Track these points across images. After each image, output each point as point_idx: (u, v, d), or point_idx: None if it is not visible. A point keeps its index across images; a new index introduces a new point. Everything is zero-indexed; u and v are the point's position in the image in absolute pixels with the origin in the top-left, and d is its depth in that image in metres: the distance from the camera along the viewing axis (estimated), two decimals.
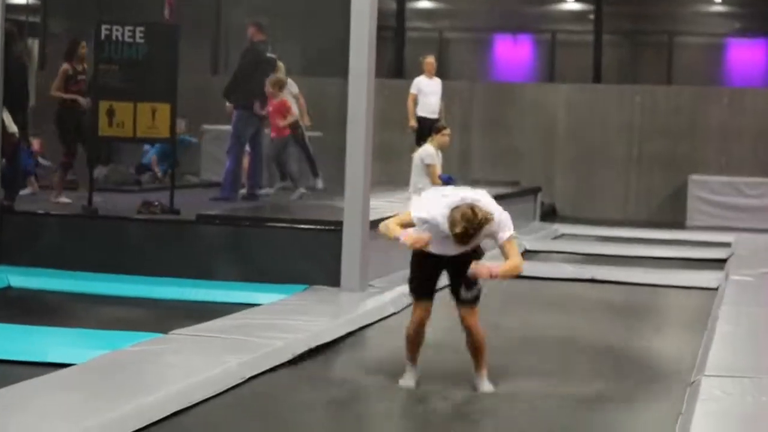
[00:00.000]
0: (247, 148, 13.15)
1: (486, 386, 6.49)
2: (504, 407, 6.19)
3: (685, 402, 6.06)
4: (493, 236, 6.24)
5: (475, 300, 6.51)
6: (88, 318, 8.36)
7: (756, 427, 5.40)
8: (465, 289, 6.46)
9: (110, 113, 11.09)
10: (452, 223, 6.00)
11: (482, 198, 6.22)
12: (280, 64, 13.84)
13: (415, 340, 6.62)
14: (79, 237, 10.43)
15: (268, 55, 13.21)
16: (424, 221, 6.19)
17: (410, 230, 6.17)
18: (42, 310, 8.89)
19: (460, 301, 6.51)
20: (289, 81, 14.00)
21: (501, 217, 6.23)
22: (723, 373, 6.47)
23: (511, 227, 6.29)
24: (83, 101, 11.91)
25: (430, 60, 15.24)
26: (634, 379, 7.03)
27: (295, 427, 5.66)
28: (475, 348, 6.54)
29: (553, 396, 6.44)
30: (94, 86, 11.25)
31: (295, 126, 14.82)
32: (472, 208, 6.03)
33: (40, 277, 9.73)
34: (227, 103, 13.37)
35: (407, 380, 6.59)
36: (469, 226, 5.99)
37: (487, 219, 6.04)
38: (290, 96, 14.31)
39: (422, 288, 6.56)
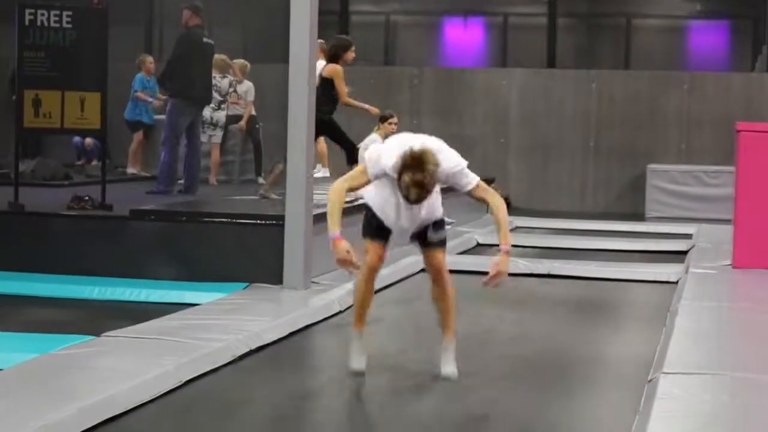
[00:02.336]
0: (184, 139, 13.13)
1: (450, 369, 6.53)
2: (455, 407, 6.24)
3: (643, 400, 6.15)
4: (457, 186, 6.31)
5: (443, 243, 6.56)
6: (14, 320, 8.32)
7: (715, 425, 5.49)
8: (433, 230, 6.52)
9: (36, 103, 11.03)
10: (399, 171, 5.97)
11: (442, 148, 6.24)
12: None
13: (365, 293, 6.57)
14: (5, 234, 10.38)
15: (205, 40, 13.17)
16: (375, 175, 6.22)
17: (344, 243, 6.13)
18: None
19: (427, 244, 6.54)
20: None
21: (461, 164, 6.28)
22: (682, 370, 6.56)
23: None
24: None
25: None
26: (591, 377, 7.13)
27: (236, 430, 5.68)
28: (444, 297, 6.58)
29: (507, 396, 6.51)
30: (19, 74, 11.18)
31: (252, 121, 14.98)
32: (418, 151, 5.98)
33: None
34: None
35: (356, 360, 6.57)
36: (417, 172, 5.92)
37: (435, 161, 5.98)
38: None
39: (375, 230, 6.49)
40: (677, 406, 5.81)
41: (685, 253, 12.87)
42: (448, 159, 6.21)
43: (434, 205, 6.48)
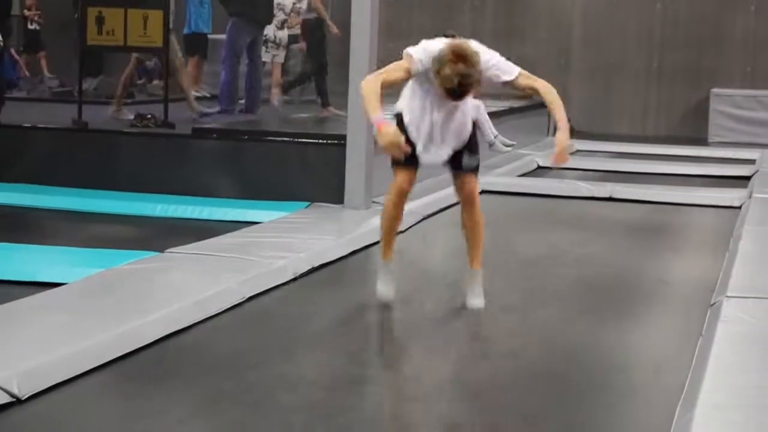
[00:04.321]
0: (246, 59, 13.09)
1: (477, 301, 6.35)
2: (513, 324, 6.24)
3: (706, 324, 6.11)
4: (500, 79, 6.17)
5: (476, 169, 6.37)
6: (79, 236, 8.40)
7: None
8: (468, 155, 6.30)
9: (99, 21, 11.04)
10: (441, 64, 5.76)
11: (480, 47, 6.07)
12: None
13: (394, 218, 6.38)
14: (69, 151, 10.45)
15: None
16: (417, 69, 5.96)
17: (391, 126, 5.87)
18: (30, 228, 8.93)
19: (461, 169, 6.31)
20: None
21: (499, 59, 6.17)
22: (745, 294, 6.51)
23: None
24: None
25: None
26: (653, 300, 7.09)
27: (296, 343, 5.71)
28: (474, 225, 6.35)
29: (569, 316, 6.50)
30: None
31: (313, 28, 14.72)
32: (459, 43, 5.86)
33: (27, 194, 9.78)
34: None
35: (384, 288, 6.42)
36: (460, 62, 5.74)
37: (477, 53, 5.85)
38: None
39: (407, 157, 6.07)
40: (740, 329, 5.77)
41: (748, 178, 12.73)
42: (486, 52, 6.08)
43: (465, 123, 6.30)
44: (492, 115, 12.54)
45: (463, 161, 6.30)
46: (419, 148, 6.17)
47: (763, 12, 18.44)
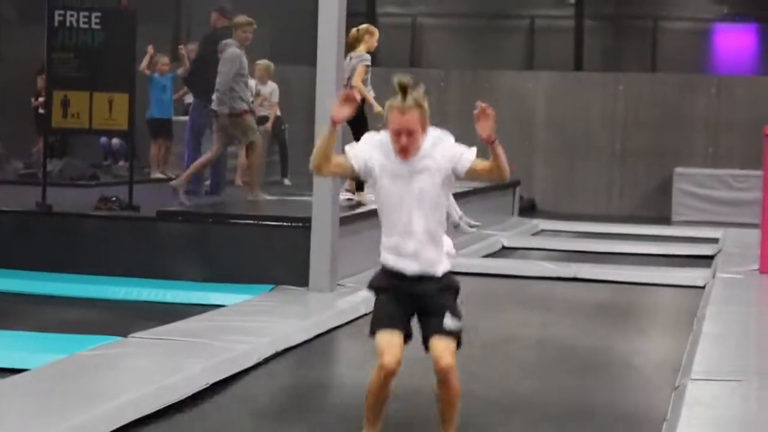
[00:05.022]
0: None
1: None
2: (474, 407, 6.22)
3: (671, 407, 6.11)
4: (458, 168, 5.50)
5: (458, 334, 5.30)
6: (42, 320, 8.35)
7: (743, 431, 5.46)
8: (450, 316, 5.28)
9: (65, 104, 11.07)
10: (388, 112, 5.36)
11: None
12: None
13: (379, 398, 5.33)
14: (33, 234, 10.42)
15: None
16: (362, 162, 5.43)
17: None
18: None
19: (438, 333, 5.25)
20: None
21: (459, 147, 5.57)
22: (709, 376, 6.53)
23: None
24: None
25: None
26: (618, 382, 7.10)
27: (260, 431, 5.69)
28: (448, 402, 5.33)
29: (530, 401, 6.49)
30: (48, 75, 11.22)
31: (277, 123, 15.03)
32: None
33: None
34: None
35: None
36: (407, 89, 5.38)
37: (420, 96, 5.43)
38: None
39: (390, 316, 5.25)
40: (705, 413, 5.78)
41: (712, 257, 12.82)
42: (446, 138, 5.58)
43: (439, 234, 5.46)
44: (456, 195, 12.59)
45: (444, 323, 5.27)
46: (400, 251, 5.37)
47: (723, 93, 18.69)
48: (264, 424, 5.88)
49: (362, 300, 9.04)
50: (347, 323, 8.56)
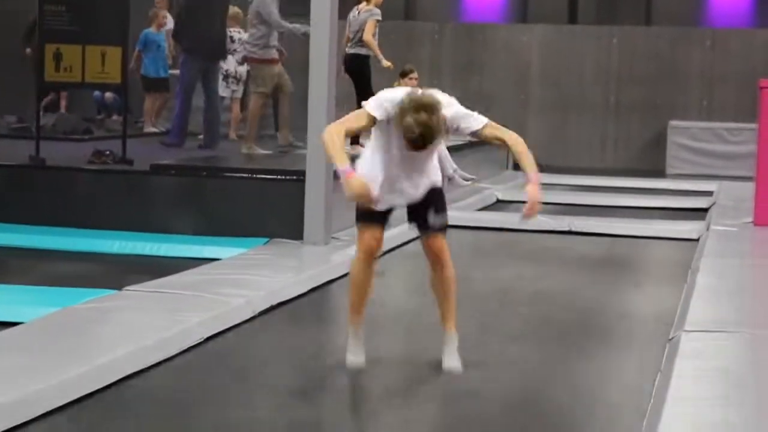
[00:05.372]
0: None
1: (453, 362, 5.93)
2: (471, 370, 6.22)
3: (664, 359, 6.13)
4: (466, 129, 5.84)
5: (444, 228, 6.01)
6: (36, 274, 8.35)
7: (737, 383, 5.47)
8: (434, 214, 5.95)
9: (57, 57, 11.00)
10: (403, 113, 5.51)
11: (445, 97, 5.81)
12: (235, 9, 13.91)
13: (362, 282, 5.91)
14: (26, 188, 10.39)
15: None
16: (381, 116, 5.71)
17: (357, 176, 5.57)
18: None
19: (427, 228, 5.96)
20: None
21: (467, 111, 5.86)
22: (703, 328, 6.54)
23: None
24: None
25: None
26: (612, 335, 7.11)
27: (256, 388, 5.68)
28: (445, 285, 5.97)
29: (524, 355, 6.50)
30: (40, 28, 11.14)
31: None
32: (422, 94, 5.60)
33: None
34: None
35: (354, 355, 5.95)
36: (422, 112, 5.48)
37: (439, 103, 5.58)
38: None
39: (371, 213, 5.78)
40: (699, 364, 5.79)
41: (706, 210, 12.83)
42: (451, 104, 5.81)
43: (431, 168, 5.99)
44: (451, 149, 12.57)
45: (429, 219, 5.96)
46: (384, 195, 5.84)
47: (718, 46, 18.63)
48: (259, 378, 5.89)
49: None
50: (342, 276, 8.53)
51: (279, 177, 9.96)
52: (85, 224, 9.91)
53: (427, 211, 5.98)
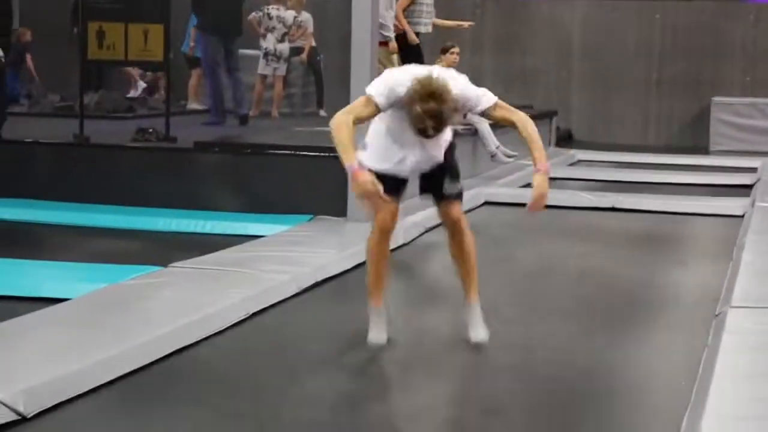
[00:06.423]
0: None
1: (480, 333, 5.83)
2: (517, 349, 6.22)
3: (711, 334, 6.10)
4: (474, 108, 5.65)
5: (460, 195, 5.85)
6: (82, 251, 8.39)
7: None
8: (449, 180, 5.81)
9: (100, 35, 11.04)
10: (411, 101, 5.33)
11: (453, 74, 5.64)
12: None
13: (379, 259, 5.80)
14: (71, 166, 10.46)
15: None
16: (389, 104, 5.52)
17: (366, 174, 5.38)
18: (33, 243, 8.93)
19: (443, 197, 5.82)
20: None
21: (476, 90, 5.67)
22: (749, 304, 6.50)
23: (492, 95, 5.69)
24: None
25: None
26: (657, 311, 7.08)
27: (302, 363, 5.70)
28: (465, 253, 5.82)
29: (571, 333, 6.48)
30: (83, 6, 11.20)
31: (312, 53, 14.94)
32: (429, 79, 5.37)
33: (30, 209, 9.76)
34: None
35: (376, 333, 5.84)
36: (430, 101, 5.26)
37: (448, 88, 5.35)
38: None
39: (386, 185, 5.50)
40: (746, 339, 5.76)
41: (750, 186, 12.73)
42: (458, 81, 5.60)
43: (444, 138, 5.79)
44: (493, 126, 12.55)
45: (444, 188, 5.83)
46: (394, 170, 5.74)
47: (762, 22, 18.46)
48: (304, 353, 5.90)
49: (401, 231, 9.03)
50: None
51: (322, 154, 9.95)
52: (130, 202, 9.96)
53: (442, 179, 5.83)
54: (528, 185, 12.59)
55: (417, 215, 9.26)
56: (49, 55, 16.61)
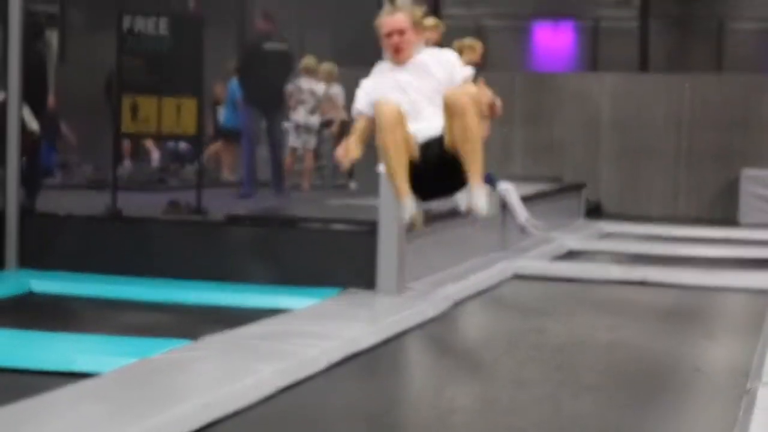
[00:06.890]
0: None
1: (480, 202, 5.83)
2: (545, 415, 6.21)
3: (741, 412, 6.06)
4: (449, 70, 6.09)
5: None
6: (114, 324, 8.43)
7: None
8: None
9: (134, 108, 11.18)
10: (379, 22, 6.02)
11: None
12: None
13: (399, 146, 5.81)
14: (103, 239, 10.53)
15: (269, 45, 13.24)
16: (365, 98, 6.06)
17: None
18: (65, 315, 8.96)
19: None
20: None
21: (458, 61, 6.14)
22: None
23: None
24: None
25: None
26: (687, 387, 7.04)
27: None
28: (466, 131, 5.72)
29: (599, 407, 6.46)
30: (117, 80, 11.34)
31: (343, 126, 15.06)
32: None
33: (62, 282, 9.82)
34: None
35: (410, 208, 6.08)
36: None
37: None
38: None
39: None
40: None
41: None
42: (449, 52, 6.21)
43: (438, 84, 6.12)
44: (523, 198, 12.58)
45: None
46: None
47: None
48: (332, 430, 5.89)
49: (430, 303, 9.05)
50: (416, 326, 8.57)
51: (352, 227, 10.01)
52: (161, 274, 10.02)
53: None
54: (556, 258, 12.68)
55: (447, 288, 9.28)
56: (81, 127, 16.77)
